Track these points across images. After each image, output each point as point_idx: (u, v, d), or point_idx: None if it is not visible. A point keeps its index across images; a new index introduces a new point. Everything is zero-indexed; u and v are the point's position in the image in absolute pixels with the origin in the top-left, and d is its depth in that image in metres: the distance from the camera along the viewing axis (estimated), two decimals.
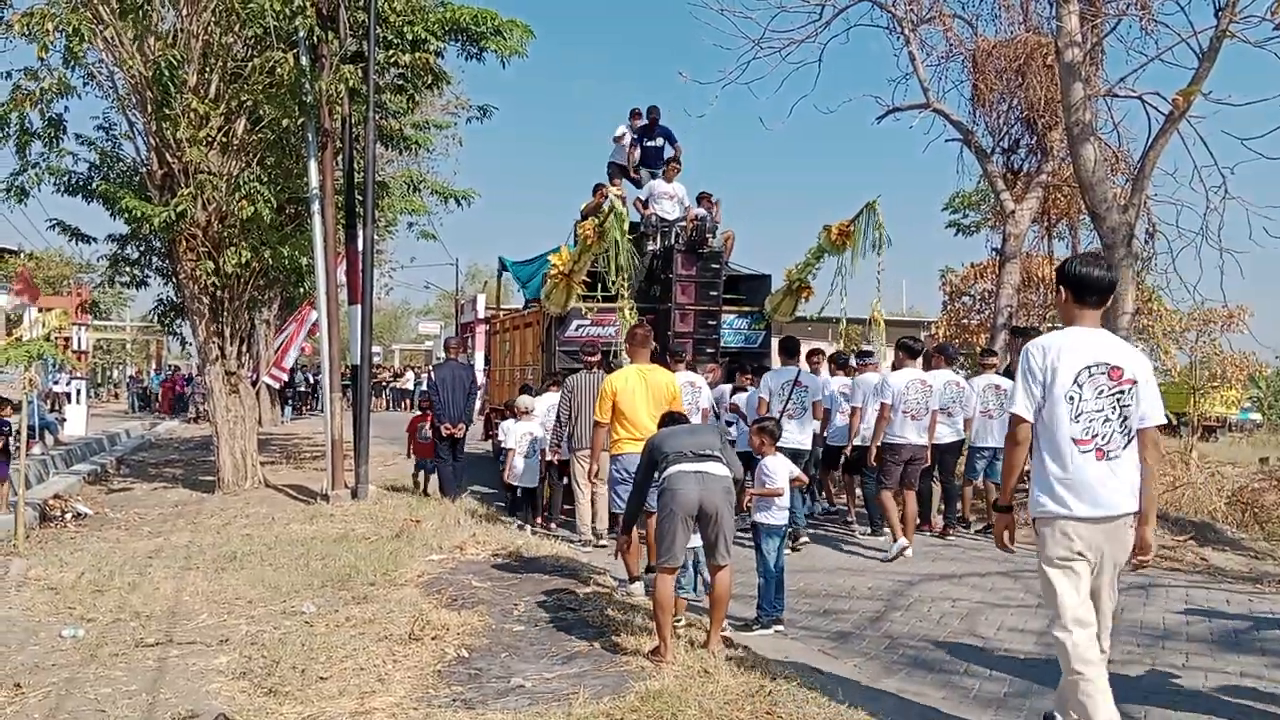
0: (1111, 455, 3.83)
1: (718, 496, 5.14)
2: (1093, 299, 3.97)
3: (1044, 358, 3.90)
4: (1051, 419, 3.88)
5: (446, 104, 24.01)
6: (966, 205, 29.42)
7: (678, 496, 5.11)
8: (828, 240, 11.15)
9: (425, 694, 4.59)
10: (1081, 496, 3.80)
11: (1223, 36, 9.93)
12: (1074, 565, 3.80)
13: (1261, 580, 7.34)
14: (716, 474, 5.19)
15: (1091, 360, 3.87)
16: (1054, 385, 3.86)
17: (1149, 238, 12.79)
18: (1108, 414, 3.85)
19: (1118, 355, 3.91)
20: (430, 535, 8.32)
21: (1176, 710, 4.57)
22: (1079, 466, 3.82)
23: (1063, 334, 3.98)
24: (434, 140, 22.27)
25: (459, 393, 10.87)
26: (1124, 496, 3.82)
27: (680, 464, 5.18)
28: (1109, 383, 3.86)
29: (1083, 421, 3.84)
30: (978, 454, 9.90)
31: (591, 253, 10.33)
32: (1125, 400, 3.85)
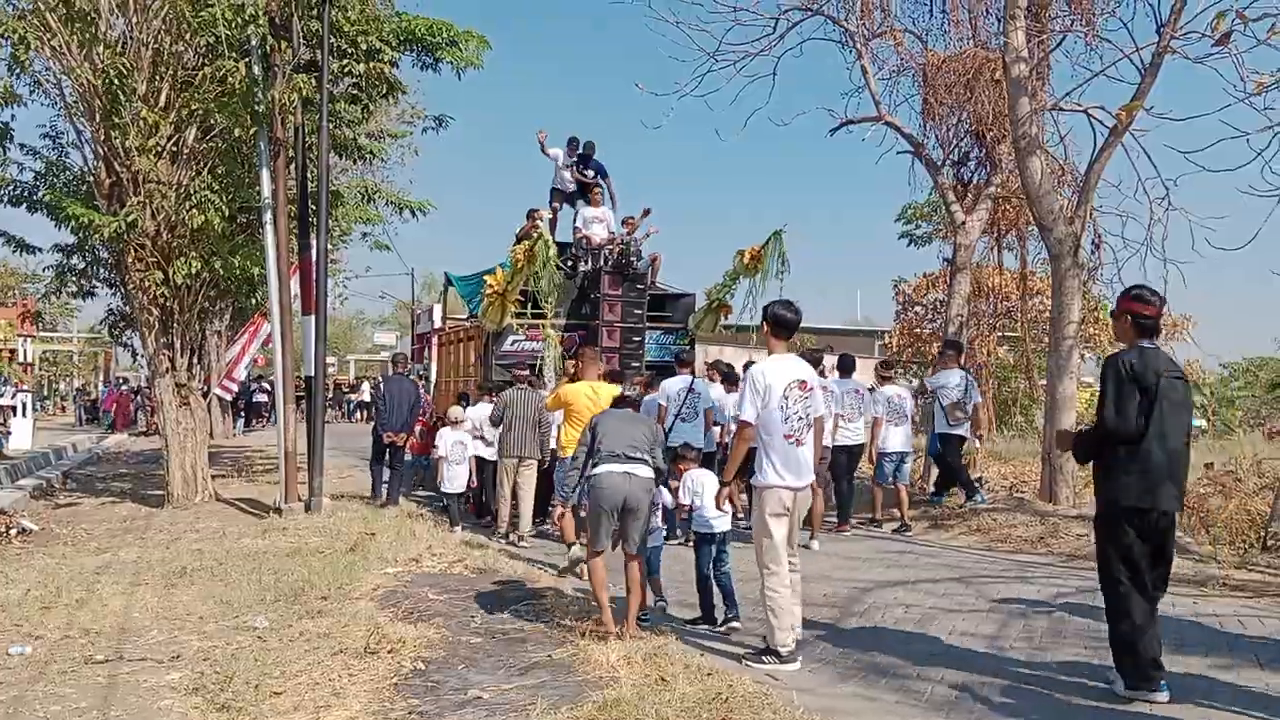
0: (803, 442, 5.55)
1: (640, 495, 5.90)
2: (785, 333, 5.71)
3: (763, 379, 5.50)
4: (770, 421, 5.48)
5: (402, 114, 23.84)
6: (918, 217, 29.92)
7: (605, 493, 5.87)
8: (741, 264, 11.95)
9: (381, 707, 4.56)
10: (790, 473, 5.49)
11: (1164, 52, 10.20)
12: (783, 519, 5.50)
13: (1206, 583, 7.51)
14: (641, 475, 5.93)
15: (791, 378, 5.55)
16: (770, 398, 5.45)
17: (1095, 248, 13.06)
18: (800, 413, 5.54)
19: (804, 373, 5.65)
20: (386, 548, 8.25)
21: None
22: (789, 453, 5.49)
23: (770, 360, 5.66)
24: (389, 150, 22.12)
25: (403, 404, 11.79)
26: (809, 470, 5.63)
27: (610, 464, 5.91)
28: (800, 393, 5.57)
29: (790, 422, 5.50)
30: (885, 458, 10.64)
31: (522, 274, 11.11)
32: (808, 403, 5.60)
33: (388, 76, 11.70)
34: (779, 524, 5.50)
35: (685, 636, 6.02)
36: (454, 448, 10.56)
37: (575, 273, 13.25)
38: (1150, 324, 4.97)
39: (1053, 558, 8.73)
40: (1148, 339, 4.94)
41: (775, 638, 5.44)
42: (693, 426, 9.92)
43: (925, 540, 9.86)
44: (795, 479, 5.51)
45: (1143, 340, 4.93)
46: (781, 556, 5.49)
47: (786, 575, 5.49)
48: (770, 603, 5.47)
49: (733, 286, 12.21)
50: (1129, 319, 4.98)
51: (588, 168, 14.37)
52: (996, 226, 16.17)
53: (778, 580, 5.46)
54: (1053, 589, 7.41)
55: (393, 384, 12.18)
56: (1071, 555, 8.62)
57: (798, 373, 5.60)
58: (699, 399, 10.16)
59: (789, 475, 5.49)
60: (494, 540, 9.63)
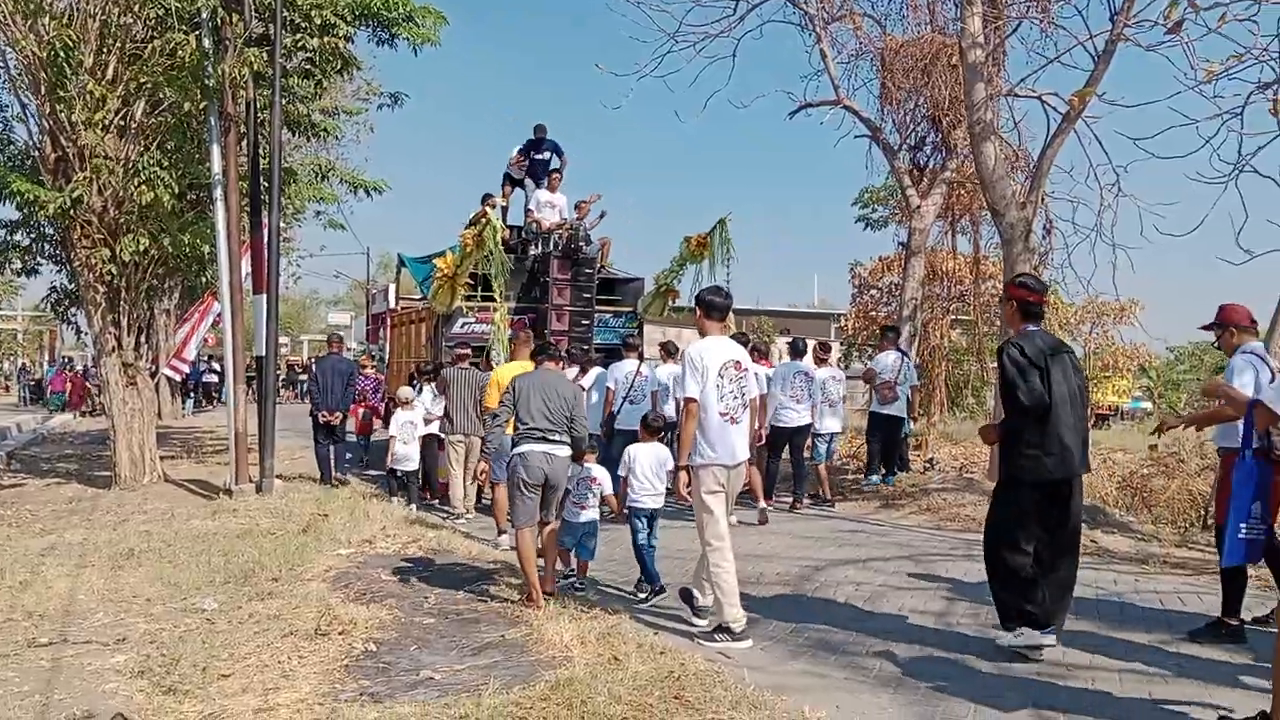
0: (738, 420, 5.68)
1: (559, 473, 6.30)
2: (718, 315, 5.84)
3: (701, 359, 5.62)
4: (706, 401, 5.58)
5: (358, 90, 23.49)
6: (875, 200, 30.10)
7: (526, 471, 6.18)
8: (688, 250, 12.52)
9: (332, 689, 4.53)
10: (725, 450, 5.62)
11: (1117, 40, 10.33)
12: (720, 494, 5.64)
13: (1147, 561, 7.70)
14: (559, 455, 6.29)
15: (726, 358, 5.68)
16: (707, 377, 5.57)
17: (1046, 233, 13.24)
18: (735, 393, 5.67)
19: (738, 354, 5.80)
20: (338, 529, 8.18)
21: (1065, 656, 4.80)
22: (724, 431, 5.62)
23: (706, 341, 5.75)
24: (344, 127, 21.82)
25: (338, 384, 11.91)
26: (744, 449, 5.77)
27: (531, 444, 6.21)
28: (735, 373, 5.69)
29: (726, 400, 5.62)
30: (818, 438, 11.12)
31: (471, 258, 11.37)
32: (743, 384, 5.75)
33: (342, 52, 11.50)
34: (717, 500, 5.63)
35: (638, 615, 6.06)
36: (404, 428, 10.74)
37: (525, 256, 13.45)
38: (1036, 309, 5.38)
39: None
40: (1034, 323, 5.33)
41: (726, 614, 5.51)
42: (640, 410, 9.88)
43: (876, 519, 10.00)
44: (730, 457, 5.65)
45: (1029, 324, 5.32)
46: (724, 532, 5.60)
47: (730, 551, 5.60)
48: (717, 579, 5.55)
49: (680, 272, 12.84)
50: (1015, 305, 5.38)
51: (542, 149, 14.45)
52: (951, 211, 16.31)
53: (721, 556, 5.55)
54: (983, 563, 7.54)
55: (326, 364, 12.28)
56: None
57: (732, 354, 5.76)
58: (646, 382, 10.43)
59: (724, 453, 5.62)
60: (443, 516, 10.02)
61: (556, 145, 14.64)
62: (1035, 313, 5.38)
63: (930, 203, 14.37)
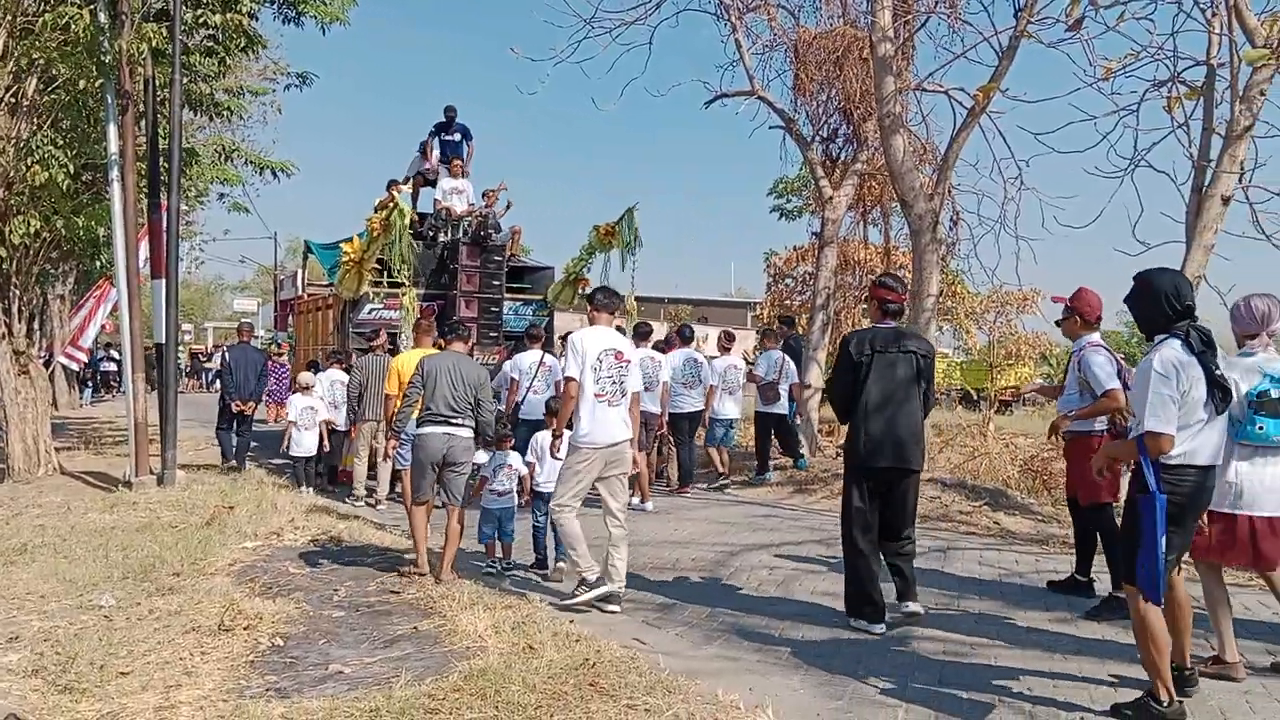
0: (614, 404, 6.08)
1: (458, 452, 6.62)
2: (605, 310, 6.34)
3: (581, 344, 6.08)
4: (584, 382, 6.01)
5: (264, 69, 22.77)
6: (790, 191, 30.50)
7: (426, 450, 6.58)
8: (597, 238, 12.60)
9: (236, 685, 4.41)
10: (599, 430, 6.02)
11: (1021, 36, 10.62)
12: (586, 470, 6.03)
13: (1047, 542, 7.99)
14: (460, 435, 6.64)
15: (606, 347, 6.14)
16: (585, 361, 6.00)
17: (953, 225, 13.60)
18: (614, 378, 6.09)
19: (620, 344, 6.28)
20: (244, 522, 7.97)
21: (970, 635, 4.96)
22: (598, 412, 6.03)
23: (589, 330, 6.24)
24: (249, 107, 21.12)
25: (250, 373, 12.07)
26: (621, 430, 6.11)
27: (433, 425, 6.58)
28: (615, 361, 6.13)
29: (602, 384, 6.04)
30: (716, 423, 11.38)
31: (378, 243, 11.36)
32: (623, 372, 6.14)
33: (246, 29, 11.15)
34: (577, 476, 6.08)
35: (553, 601, 6.04)
36: (303, 413, 10.93)
37: (435, 243, 13.46)
38: (894, 307, 5.85)
39: None
40: (891, 319, 5.81)
41: (580, 565, 6.02)
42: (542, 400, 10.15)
43: (790, 504, 10.16)
44: (604, 437, 6.05)
45: (887, 320, 5.81)
46: (572, 504, 6.06)
47: (573, 513, 6.07)
48: (565, 537, 6.10)
49: (589, 260, 12.91)
50: (877, 303, 5.88)
51: (452, 131, 14.39)
52: (863, 202, 16.60)
53: (565, 517, 6.04)
54: None
55: (238, 352, 12.29)
56: (924, 516, 9.01)
57: (613, 343, 6.23)
58: (551, 373, 10.56)
59: (597, 433, 6.04)
60: (350, 503, 10.16)
61: (466, 128, 14.62)
62: (894, 310, 5.84)
63: (842, 193, 14.58)
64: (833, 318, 15.40)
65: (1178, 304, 4.05)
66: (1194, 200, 9.36)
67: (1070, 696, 4.40)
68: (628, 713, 4.04)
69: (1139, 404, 4.03)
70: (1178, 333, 4.02)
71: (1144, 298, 4.16)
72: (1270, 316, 4.60)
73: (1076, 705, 4.29)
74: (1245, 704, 4.30)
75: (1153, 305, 4.11)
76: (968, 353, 17.32)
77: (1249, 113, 8.88)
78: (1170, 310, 4.06)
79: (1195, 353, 3.97)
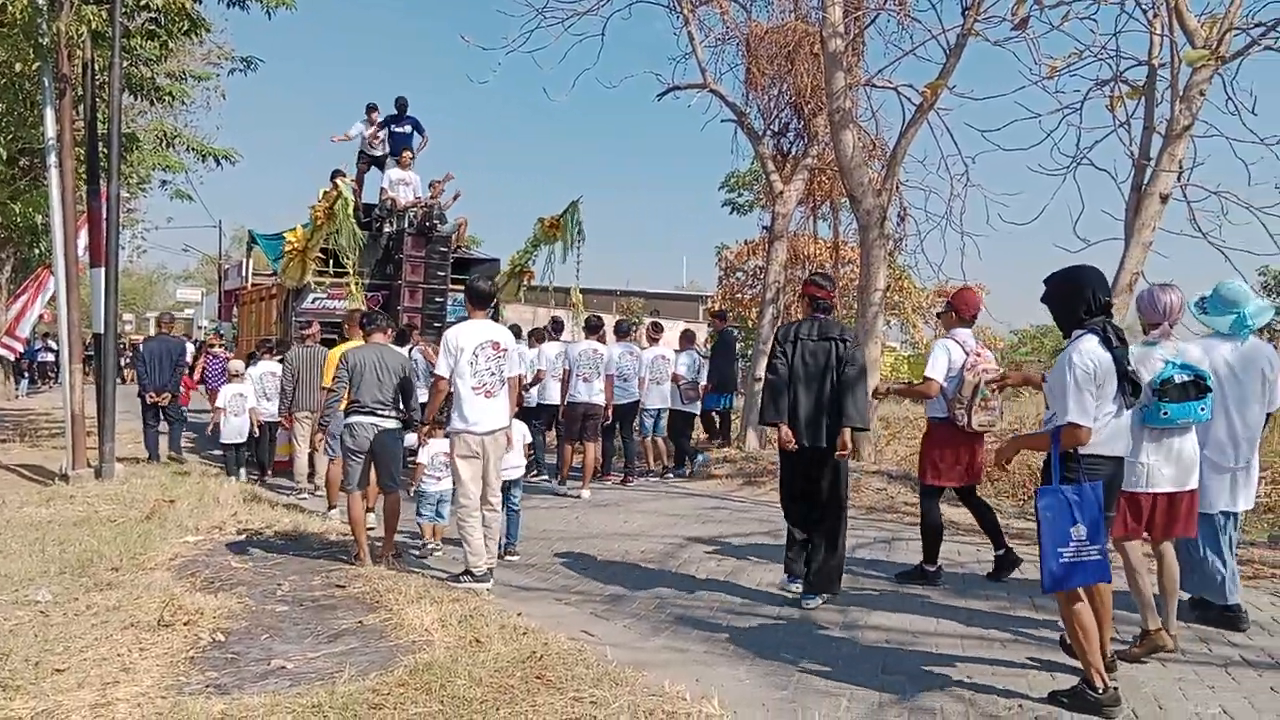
0: (492, 394, 6.29)
1: (385, 442, 6.84)
2: (480, 303, 6.46)
3: (456, 340, 6.25)
4: (460, 375, 6.21)
5: (207, 53, 22.29)
6: (741, 185, 30.62)
7: (355, 441, 6.77)
8: (542, 231, 12.72)
9: (175, 682, 4.32)
10: (477, 420, 6.22)
11: (968, 34, 10.78)
12: (471, 459, 6.25)
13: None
14: (387, 426, 6.85)
15: (483, 339, 6.30)
16: (461, 356, 6.19)
17: (900, 220, 13.78)
18: (492, 370, 6.29)
19: (497, 336, 6.42)
20: (185, 515, 7.82)
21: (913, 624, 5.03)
22: (476, 403, 6.23)
23: (465, 324, 6.41)
24: (192, 92, 20.68)
25: (166, 364, 12.00)
26: (499, 418, 6.34)
27: (359, 415, 6.78)
28: (492, 353, 6.32)
29: (480, 376, 6.24)
30: (645, 414, 11.52)
31: (322, 232, 11.37)
32: (500, 362, 6.34)
33: (189, 11, 10.89)
34: (466, 465, 6.28)
35: (504, 595, 6.02)
36: (233, 400, 11.10)
37: (380, 233, 13.44)
38: (823, 303, 6.13)
39: (856, 510, 9.18)
40: (821, 314, 6.10)
41: (469, 560, 6.28)
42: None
43: (739, 497, 10.21)
44: (481, 425, 6.25)
45: (817, 315, 6.10)
46: (471, 493, 6.28)
47: (476, 508, 6.28)
48: (462, 531, 6.29)
49: (534, 253, 13.06)
50: (808, 299, 6.18)
51: (402, 122, 14.31)
52: (812, 196, 16.74)
53: (466, 513, 6.26)
54: (854, 539, 7.80)
55: (153, 344, 12.25)
56: (871, 508, 9.14)
57: (490, 335, 6.40)
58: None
59: (476, 422, 6.23)
60: (294, 496, 10.20)
61: (417, 121, 14.56)
62: (822, 305, 6.13)
63: (793, 188, 14.69)
64: (783, 311, 15.51)
65: (1094, 301, 4.19)
66: (1134, 198, 9.58)
67: (1009, 684, 4.48)
68: (574, 705, 4.04)
69: (1056, 397, 4.17)
70: (1094, 328, 4.15)
71: (1062, 295, 4.28)
72: (1173, 308, 4.85)
73: (1014, 692, 4.38)
74: (1179, 690, 4.41)
75: (1071, 302, 4.24)
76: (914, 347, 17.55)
77: (1188, 112, 9.11)
78: (1088, 307, 4.19)
79: (1110, 348, 4.11)
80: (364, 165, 14.55)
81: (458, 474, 6.32)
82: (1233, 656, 4.89)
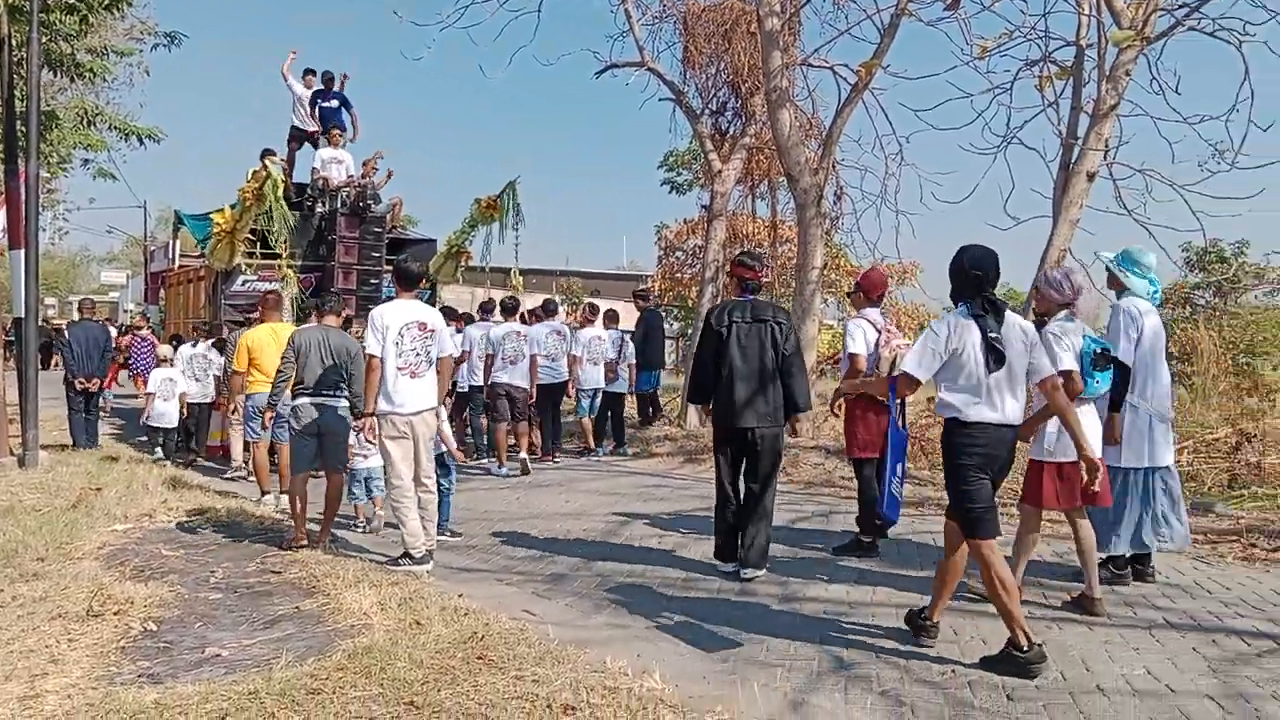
0: (418, 374, 6.21)
1: (332, 423, 6.86)
2: (408, 283, 6.43)
3: (381, 320, 6.17)
4: (386, 356, 6.12)
5: (130, 28, 21.55)
6: (680, 164, 30.61)
7: (300, 422, 6.80)
8: (479, 211, 12.57)
9: (106, 672, 4.23)
10: (403, 401, 6.16)
11: (901, 14, 10.90)
12: (400, 440, 6.18)
13: (923, 504, 8.30)
14: (334, 406, 6.89)
15: (409, 319, 6.23)
16: (387, 336, 6.11)
17: (837, 199, 13.93)
18: (418, 350, 6.22)
19: (424, 316, 6.35)
20: (113, 503, 7.63)
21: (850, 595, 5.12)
22: (402, 383, 6.16)
23: (391, 304, 6.37)
24: (114, 69, 20.00)
25: (94, 350, 11.72)
26: (426, 398, 6.26)
27: (305, 397, 6.82)
28: (419, 333, 6.23)
29: (405, 356, 6.17)
30: (582, 393, 11.52)
31: (251, 213, 11.12)
32: (428, 343, 6.27)
33: None
34: (395, 445, 6.22)
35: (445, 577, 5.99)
36: (162, 385, 11.06)
37: (312, 213, 13.18)
38: (751, 283, 6.14)
39: (793, 486, 9.35)
40: (749, 294, 6.13)
41: (406, 542, 6.22)
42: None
43: (681, 474, 10.28)
44: (408, 406, 6.20)
45: (745, 294, 6.12)
46: (403, 474, 6.21)
47: (409, 489, 6.23)
48: (397, 514, 6.24)
49: (471, 233, 12.88)
50: (736, 279, 6.22)
51: (330, 98, 14.03)
52: (751, 175, 16.79)
53: (400, 493, 6.21)
54: (792, 514, 7.95)
55: (79, 330, 11.94)
56: (809, 483, 9.27)
57: (417, 315, 6.32)
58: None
59: (402, 403, 6.18)
60: (232, 475, 10.21)
61: (345, 97, 14.25)
62: (750, 285, 6.14)
63: (731, 167, 14.74)
64: (722, 290, 15.57)
65: (968, 276, 4.41)
66: (1061, 176, 9.79)
67: (943, 651, 4.59)
68: (516, 684, 4.04)
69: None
70: (970, 300, 4.40)
71: (951, 272, 4.54)
72: (1080, 289, 5.26)
73: (947, 658, 4.49)
74: (1105, 653, 4.56)
75: (956, 278, 4.50)
76: None
77: (1114, 92, 9.32)
78: (967, 280, 4.42)
79: (975, 316, 4.35)
80: (295, 144, 14.23)
81: (388, 456, 6.26)
82: (1157, 620, 5.07)
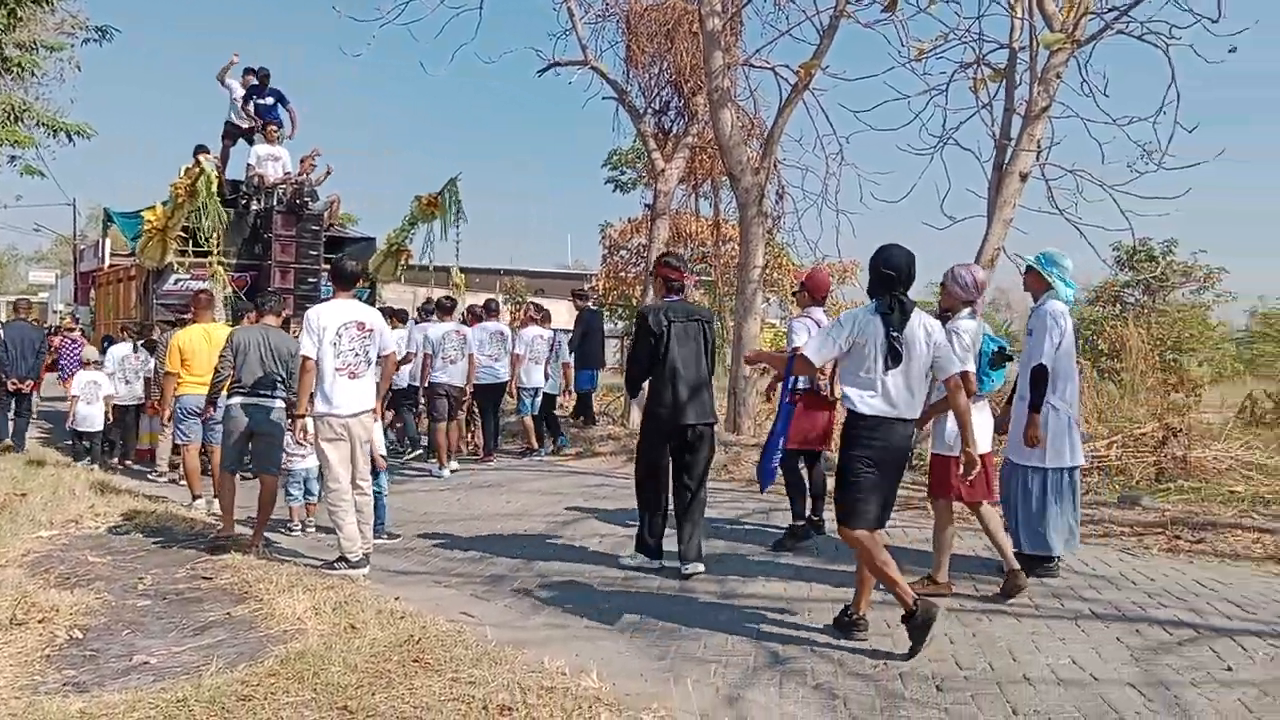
0: (356, 374, 6.12)
1: (263, 424, 6.80)
2: (345, 283, 6.32)
3: (318, 320, 6.08)
4: (323, 357, 6.01)
5: (60, 23, 20.95)
6: (624, 163, 30.63)
7: (234, 422, 6.78)
8: (419, 209, 12.45)
9: (30, 681, 4.12)
10: (341, 402, 6.05)
11: (840, 16, 11.01)
12: (337, 442, 6.09)
13: None
14: (268, 405, 6.82)
15: (346, 319, 6.15)
16: (324, 337, 6.01)
17: (779, 198, 14.03)
18: (357, 350, 6.13)
19: (363, 316, 6.27)
20: (38, 509, 7.42)
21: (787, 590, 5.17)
22: (339, 385, 6.06)
23: (327, 304, 6.28)
24: (44, 64, 19.44)
25: (28, 351, 11.53)
26: (364, 400, 6.19)
27: (238, 397, 6.79)
28: (357, 333, 6.15)
29: (343, 357, 6.07)
30: (524, 392, 11.41)
31: (183, 210, 10.96)
32: (366, 343, 6.19)
33: None
34: (332, 448, 6.13)
35: (382, 580, 5.92)
36: (87, 387, 10.73)
37: (247, 211, 12.96)
38: (676, 284, 6.21)
39: (735, 483, 9.41)
40: (675, 295, 6.19)
41: (343, 546, 6.12)
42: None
43: (623, 473, 10.25)
44: (345, 408, 6.11)
45: (671, 296, 6.19)
46: (340, 476, 6.12)
47: (346, 492, 6.13)
48: (334, 517, 6.15)
49: (412, 231, 12.78)
50: (662, 280, 6.28)
51: (264, 95, 13.83)
52: (694, 175, 16.83)
53: (337, 496, 6.10)
54: (735, 511, 8.00)
55: (13, 330, 11.75)
56: (751, 481, 9.32)
57: (355, 315, 6.25)
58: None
59: (339, 405, 6.09)
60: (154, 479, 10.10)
61: (280, 93, 14.03)
62: (675, 287, 6.21)
63: (674, 166, 14.77)
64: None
65: (881, 275, 4.56)
66: (995, 177, 9.98)
67: (876, 644, 4.66)
68: (453, 686, 4.00)
69: None
70: (880, 297, 4.55)
71: (869, 268, 4.69)
72: (983, 286, 5.45)
73: (880, 651, 4.56)
74: (1032, 643, 4.66)
75: (871, 274, 4.66)
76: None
77: (1046, 94, 9.53)
78: (880, 279, 4.58)
79: (881, 313, 4.51)
80: (229, 140, 13.99)
81: (325, 459, 6.16)
82: (1083, 610, 5.19)
